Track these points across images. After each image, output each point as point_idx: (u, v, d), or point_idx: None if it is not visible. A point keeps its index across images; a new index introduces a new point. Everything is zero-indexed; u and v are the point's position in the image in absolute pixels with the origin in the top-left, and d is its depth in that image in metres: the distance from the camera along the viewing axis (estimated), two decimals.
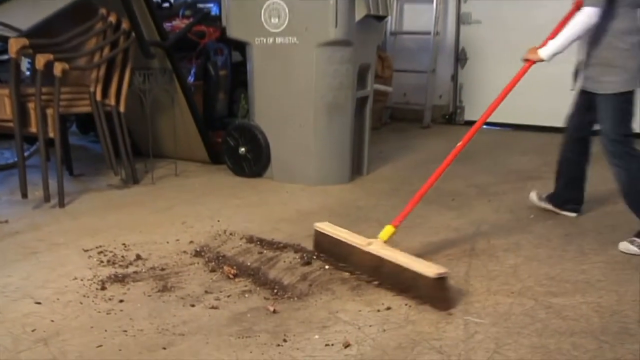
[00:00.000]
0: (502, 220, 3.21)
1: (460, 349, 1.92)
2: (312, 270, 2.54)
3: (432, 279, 2.16)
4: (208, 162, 4.45)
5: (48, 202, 3.47)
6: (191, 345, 1.94)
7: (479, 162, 4.52)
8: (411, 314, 2.15)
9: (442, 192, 3.75)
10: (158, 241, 2.89)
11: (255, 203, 3.55)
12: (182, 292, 2.33)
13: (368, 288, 2.36)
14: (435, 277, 2.16)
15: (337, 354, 1.89)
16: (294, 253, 2.72)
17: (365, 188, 3.90)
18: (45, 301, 2.26)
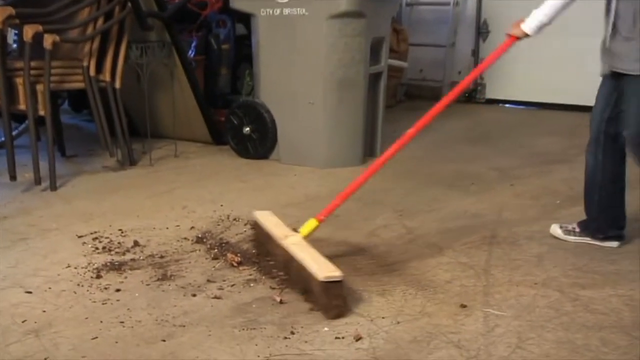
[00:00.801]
0: (525, 206, 3.21)
1: (479, 343, 1.93)
2: None
3: (322, 282, 2.06)
4: (210, 142, 4.46)
5: (39, 184, 3.49)
6: (192, 337, 1.95)
7: (501, 143, 4.51)
8: (427, 306, 2.15)
9: (461, 175, 3.74)
10: (157, 227, 2.90)
11: (261, 186, 3.56)
12: (183, 281, 2.34)
13: (381, 278, 2.37)
14: (324, 280, 2.06)
15: (348, 347, 1.90)
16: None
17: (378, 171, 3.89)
18: (36, 290, 2.27)
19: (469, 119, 5.49)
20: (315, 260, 2.17)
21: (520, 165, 3.95)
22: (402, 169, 3.89)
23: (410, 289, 2.28)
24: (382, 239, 2.78)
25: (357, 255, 2.59)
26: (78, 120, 5.27)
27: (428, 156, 4.18)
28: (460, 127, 5.13)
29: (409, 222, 2.97)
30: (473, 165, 3.93)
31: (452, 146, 4.51)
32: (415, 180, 3.65)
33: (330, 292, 2.07)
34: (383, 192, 3.42)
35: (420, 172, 3.82)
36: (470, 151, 4.33)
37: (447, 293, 2.25)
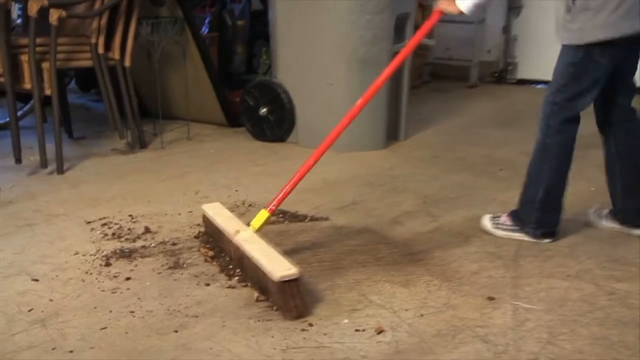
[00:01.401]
0: None
1: (508, 338, 1.92)
2: (340, 247, 2.55)
3: (277, 282, 2.02)
4: (224, 124, 4.47)
5: (45, 168, 3.52)
6: (205, 328, 1.97)
7: (533, 126, 4.46)
8: (452, 298, 2.15)
9: (489, 160, 3.73)
10: (169, 212, 2.92)
11: (278, 171, 3.56)
12: (196, 270, 2.36)
13: (404, 268, 2.37)
14: (279, 280, 2.01)
15: (369, 340, 1.91)
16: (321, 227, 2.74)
17: (401, 155, 3.89)
18: (42, 278, 2.30)
19: (498, 101, 5.46)
20: (269, 258, 2.11)
21: None
22: (427, 154, 3.88)
23: (434, 279, 2.28)
24: (406, 227, 2.78)
25: (379, 244, 2.59)
26: (86, 100, 5.30)
27: (454, 140, 4.16)
28: (489, 110, 5.10)
29: (434, 209, 2.96)
30: (502, 149, 3.91)
31: (480, 130, 4.49)
32: (440, 166, 3.64)
33: (287, 291, 2.02)
34: (406, 178, 3.42)
35: (446, 157, 3.81)
36: (500, 135, 4.30)
37: (473, 285, 2.25)
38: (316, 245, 2.58)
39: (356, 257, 2.46)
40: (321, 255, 2.48)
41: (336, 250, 2.53)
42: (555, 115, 2.47)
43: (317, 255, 2.48)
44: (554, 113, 2.47)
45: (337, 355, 1.83)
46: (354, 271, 2.35)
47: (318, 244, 2.59)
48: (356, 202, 3.07)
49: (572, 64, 2.40)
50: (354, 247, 2.57)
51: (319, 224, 2.80)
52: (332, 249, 2.55)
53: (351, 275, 2.31)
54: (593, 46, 2.34)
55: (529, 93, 5.72)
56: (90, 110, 5.06)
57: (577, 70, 2.40)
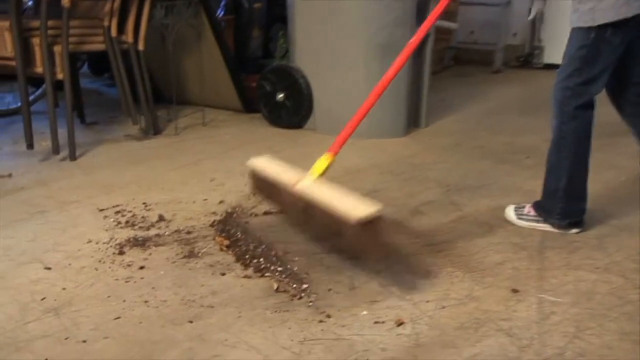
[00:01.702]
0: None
1: (533, 331, 1.92)
2: None
3: (360, 222, 1.96)
4: (240, 110, 4.47)
5: (57, 154, 3.54)
6: (221, 318, 1.98)
7: None
8: (475, 290, 2.15)
9: (513, 148, 3.71)
10: (183, 200, 2.93)
11: (295, 158, 3.55)
12: (211, 259, 2.37)
13: (426, 258, 2.37)
14: (362, 220, 1.95)
15: (389, 332, 1.91)
16: None
17: (423, 143, 3.88)
18: (55, 266, 2.32)
19: (523, 87, 5.43)
20: (343, 201, 2.06)
21: None
22: (449, 142, 3.87)
23: (457, 271, 2.28)
24: (427, 216, 2.77)
25: (399, 234, 2.59)
26: (99, 84, 5.33)
27: (477, 127, 4.15)
28: (514, 96, 5.08)
29: (456, 198, 2.95)
30: (528, 137, 3.89)
31: (504, 116, 4.47)
32: (463, 154, 3.63)
33: (370, 231, 1.98)
34: (428, 166, 3.41)
35: (469, 144, 3.79)
36: (524, 122, 4.28)
37: (497, 276, 2.24)
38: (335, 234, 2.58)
39: None
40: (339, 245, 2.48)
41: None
42: (569, 101, 2.45)
43: (336, 244, 2.48)
44: (567, 99, 2.45)
45: (356, 348, 1.83)
46: (373, 261, 2.34)
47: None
48: (376, 190, 3.07)
49: (583, 46, 2.38)
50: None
51: None
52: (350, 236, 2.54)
53: (370, 266, 2.31)
54: (605, 27, 2.32)
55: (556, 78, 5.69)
56: (103, 95, 5.08)
57: (590, 53, 2.37)
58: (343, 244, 2.10)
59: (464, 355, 1.79)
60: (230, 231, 2.56)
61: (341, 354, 1.80)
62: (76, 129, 3.62)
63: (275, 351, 1.81)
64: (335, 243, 2.13)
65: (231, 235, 2.53)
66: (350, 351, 1.82)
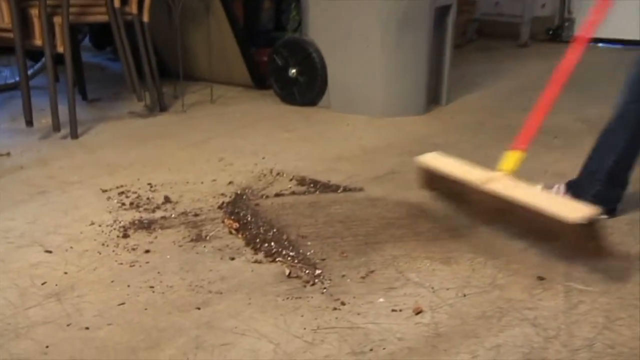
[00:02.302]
0: None
1: (559, 321, 1.92)
2: (376, 221, 2.55)
3: (578, 224, 2.04)
4: (250, 86, 4.47)
5: (58, 131, 3.56)
6: (230, 305, 1.99)
7: (591, 90, 4.42)
8: (499, 277, 2.15)
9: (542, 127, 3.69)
10: (190, 181, 2.95)
11: (309, 137, 3.57)
12: (220, 243, 2.38)
13: (446, 244, 2.37)
14: (580, 221, 2.04)
15: (406, 321, 1.91)
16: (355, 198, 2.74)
17: (444, 121, 3.87)
18: (56, 250, 2.33)
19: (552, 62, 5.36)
20: (550, 201, 2.16)
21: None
22: (471, 120, 3.85)
23: (479, 257, 2.28)
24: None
25: (418, 218, 2.59)
26: (101, 59, 5.33)
27: (502, 105, 4.13)
28: (542, 71, 5.03)
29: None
30: (556, 115, 3.84)
31: (531, 93, 4.41)
32: (486, 134, 3.61)
33: (588, 232, 2.08)
34: (448, 147, 3.40)
35: (492, 123, 3.78)
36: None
37: (522, 263, 2.24)
38: (350, 218, 2.58)
39: (393, 232, 2.47)
40: (355, 229, 2.49)
41: (371, 224, 2.53)
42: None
43: (351, 228, 2.49)
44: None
45: (371, 337, 1.84)
46: (390, 246, 2.35)
47: (352, 217, 2.59)
48: (394, 171, 3.07)
49: None
50: (391, 220, 2.57)
51: (353, 195, 2.81)
52: (367, 222, 2.55)
53: (388, 251, 2.31)
54: None
55: (588, 53, 5.64)
56: (106, 70, 5.09)
57: None
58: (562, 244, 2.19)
59: (486, 346, 1.80)
60: (240, 213, 2.58)
61: (356, 343, 1.80)
62: (78, 105, 3.64)
63: (287, 340, 1.82)
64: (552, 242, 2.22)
65: (241, 217, 2.54)
66: (365, 340, 1.82)
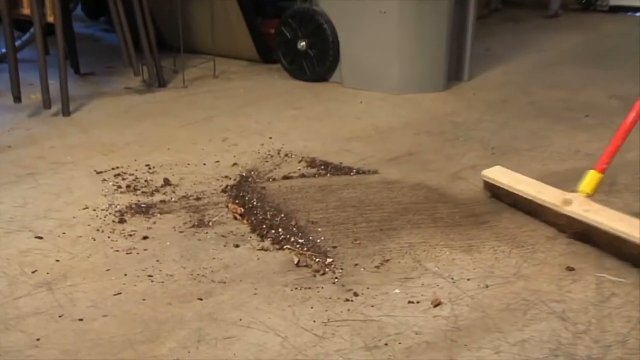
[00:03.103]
0: None
1: (590, 315, 1.91)
2: (391, 205, 2.55)
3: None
4: (256, 60, 4.47)
5: (48, 108, 3.56)
6: (234, 295, 2.00)
7: (626, 64, 4.39)
8: (524, 267, 2.15)
9: (571, 104, 3.68)
10: (192, 162, 2.96)
11: (319, 115, 3.56)
12: (224, 229, 2.39)
13: (467, 231, 2.37)
14: None
15: (424, 314, 1.92)
16: (370, 181, 2.74)
17: (465, 98, 3.86)
18: (48, 235, 2.34)
19: (584, 33, 5.36)
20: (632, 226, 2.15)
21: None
22: (495, 97, 3.84)
23: (503, 245, 2.28)
24: (469, 183, 2.77)
25: (437, 203, 2.59)
26: (94, 29, 5.33)
27: (529, 81, 4.11)
28: (572, 43, 5.02)
29: (503, 162, 2.93)
30: (587, 92, 3.85)
31: (561, 68, 4.42)
32: (512, 111, 3.60)
33: None
34: (471, 125, 3.39)
35: (519, 100, 3.76)
36: (584, 75, 4.24)
37: (549, 252, 2.24)
38: (364, 202, 2.59)
39: (410, 217, 2.47)
40: (369, 215, 2.49)
41: (387, 209, 2.53)
42: None
43: (365, 214, 2.49)
44: None
45: (386, 330, 1.84)
46: (407, 233, 2.35)
47: (366, 201, 2.59)
48: (411, 153, 3.07)
49: None
50: (408, 205, 2.57)
51: (367, 178, 2.81)
52: (382, 207, 2.55)
53: (404, 238, 2.32)
54: None
55: (624, 23, 5.61)
56: (100, 41, 5.09)
57: None
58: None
59: (510, 341, 1.80)
60: (245, 197, 2.58)
61: (369, 337, 1.81)
62: (70, 80, 3.64)
63: (296, 333, 1.83)
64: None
65: (246, 202, 2.55)
66: (380, 334, 1.83)
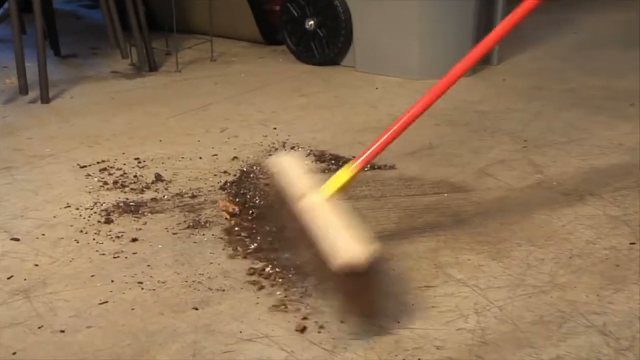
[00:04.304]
0: None
1: (634, 330, 1.91)
2: (410, 204, 2.56)
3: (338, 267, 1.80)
4: (259, 41, 4.47)
5: (25, 94, 3.57)
6: (234, 305, 2.00)
7: None
8: (559, 274, 2.14)
9: (612, 93, 3.67)
10: (187, 155, 2.96)
11: (329, 103, 3.57)
12: (222, 230, 2.39)
13: (495, 233, 2.37)
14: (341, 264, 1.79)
15: (446, 326, 1.91)
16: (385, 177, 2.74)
17: (494, 84, 3.86)
18: (25, 237, 2.35)
19: (628, 11, 5.35)
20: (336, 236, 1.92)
21: None
22: (527, 84, 3.84)
23: (535, 249, 2.28)
24: (497, 180, 2.77)
25: (461, 201, 2.60)
26: (75, 5, 5.34)
27: (565, 66, 4.11)
28: (615, 23, 5.01)
29: (536, 156, 2.94)
30: (631, 78, 3.84)
31: (601, 51, 4.42)
32: (546, 99, 3.60)
33: (351, 282, 1.85)
34: (499, 115, 3.39)
35: (554, 87, 3.76)
36: (630, 59, 4.23)
37: (588, 258, 2.24)
38: (379, 201, 2.59)
39: (431, 218, 2.47)
40: (385, 215, 2.50)
41: (405, 208, 2.54)
42: None
43: (380, 214, 2.49)
44: None
45: (403, 344, 1.84)
46: (427, 236, 2.35)
47: (381, 200, 2.60)
48: (432, 145, 3.07)
49: None
50: (429, 204, 2.57)
51: (383, 174, 2.81)
52: (400, 206, 2.56)
53: (424, 242, 2.32)
54: None
55: None
56: (83, 19, 5.10)
57: None
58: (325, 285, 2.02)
59: (543, 358, 1.79)
60: (247, 195, 2.58)
61: (385, 352, 1.81)
62: (49, 62, 3.65)
63: (303, 347, 1.83)
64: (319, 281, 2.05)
65: (247, 200, 2.55)
66: (396, 348, 1.83)
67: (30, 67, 3.56)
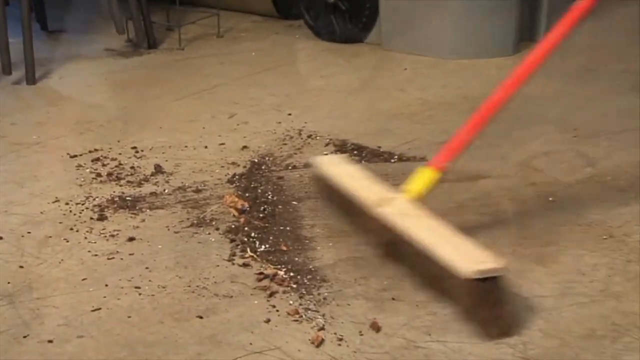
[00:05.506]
0: None
1: None
2: (443, 201, 2.56)
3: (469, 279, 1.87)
4: (272, 14, 4.48)
5: (8, 74, 3.60)
6: (243, 313, 2.00)
7: None
8: (614, 282, 2.14)
9: None
10: (190, 144, 2.98)
11: (352, 86, 3.57)
12: (229, 229, 2.40)
13: (540, 235, 2.36)
14: (471, 276, 1.86)
15: (483, 340, 1.91)
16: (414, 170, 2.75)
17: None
18: (9, 235, 2.37)
19: None
20: (450, 243, 2.00)
21: None
22: (577, 65, 3.83)
23: (587, 254, 2.27)
24: (542, 174, 2.77)
25: (501, 199, 2.60)
26: None
27: (621, 45, 4.09)
28: None
29: (587, 148, 2.94)
30: None
31: None
32: (598, 84, 3.59)
33: (483, 294, 1.92)
34: (546, 101, 3.38)
35: (608, 69, 3.75)
36: None
37: None
38: None
39: (467, 217, 2.48)
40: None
41: (437, 206, 2.53)
42: None
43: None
44: None
45: (435, 359, 1.85)
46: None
47: None
48: None
49: None
50: (464, 201, 2.57)
51: (412, 166, 2.79)
52: (431, 204, 2.55)
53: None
54: None
55: None
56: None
57: None
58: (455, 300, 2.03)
59: None
60: (258, 189, 2.59)
61: None
62: (35, 39, 3.66)
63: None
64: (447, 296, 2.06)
65: (258, 195, 2.56)
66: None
67: (15, 43, 3.58)
